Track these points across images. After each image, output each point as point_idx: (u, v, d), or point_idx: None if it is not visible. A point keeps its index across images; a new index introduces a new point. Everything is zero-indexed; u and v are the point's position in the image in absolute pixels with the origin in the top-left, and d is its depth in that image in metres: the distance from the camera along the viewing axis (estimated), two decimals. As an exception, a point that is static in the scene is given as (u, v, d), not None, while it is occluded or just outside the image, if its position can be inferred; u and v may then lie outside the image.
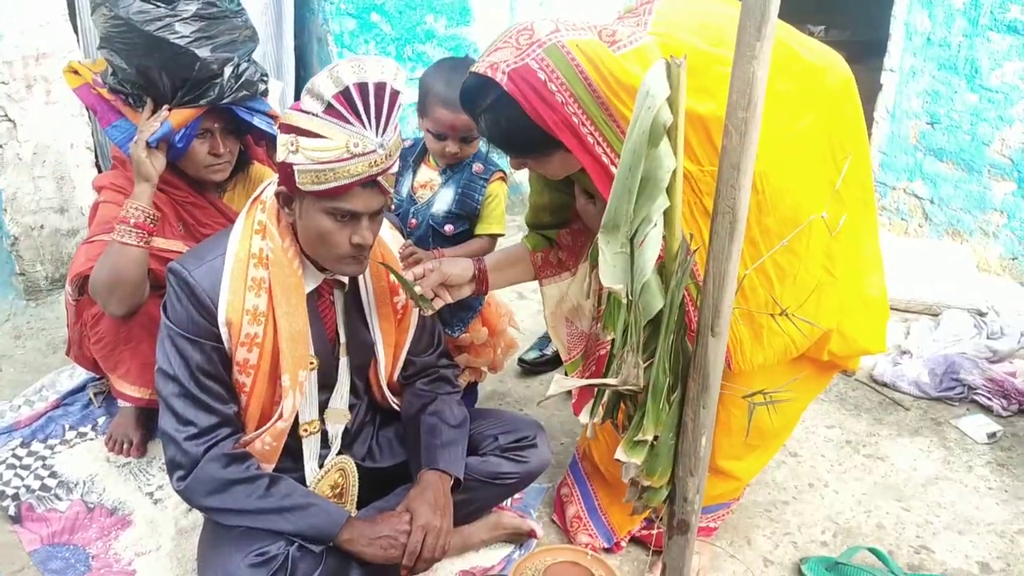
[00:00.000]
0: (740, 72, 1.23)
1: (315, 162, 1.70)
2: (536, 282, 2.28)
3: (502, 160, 2.36)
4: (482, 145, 2.46)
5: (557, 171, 1.91)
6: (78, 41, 3.46)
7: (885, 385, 3.13)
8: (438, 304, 2.06)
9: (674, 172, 1.25)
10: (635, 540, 2.33)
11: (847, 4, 6.97)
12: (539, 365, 3.15)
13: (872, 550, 2.26)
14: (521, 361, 3.15)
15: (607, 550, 2.28)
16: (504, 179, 2.47)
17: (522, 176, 4.64)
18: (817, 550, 2.35)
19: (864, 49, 6.11)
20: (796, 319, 1.45)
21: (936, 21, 3.92)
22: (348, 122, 1.69)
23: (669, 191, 1.27)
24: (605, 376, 1.39)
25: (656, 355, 1.35)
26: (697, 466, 1.43)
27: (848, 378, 3.17)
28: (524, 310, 3.50)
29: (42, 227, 3.52)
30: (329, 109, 1.68)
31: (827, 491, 2.59)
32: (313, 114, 1.68)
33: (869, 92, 4.29)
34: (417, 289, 1.99)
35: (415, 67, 4.12)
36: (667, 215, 1.30)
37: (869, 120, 4.25)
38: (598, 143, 1.67)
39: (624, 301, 1.26)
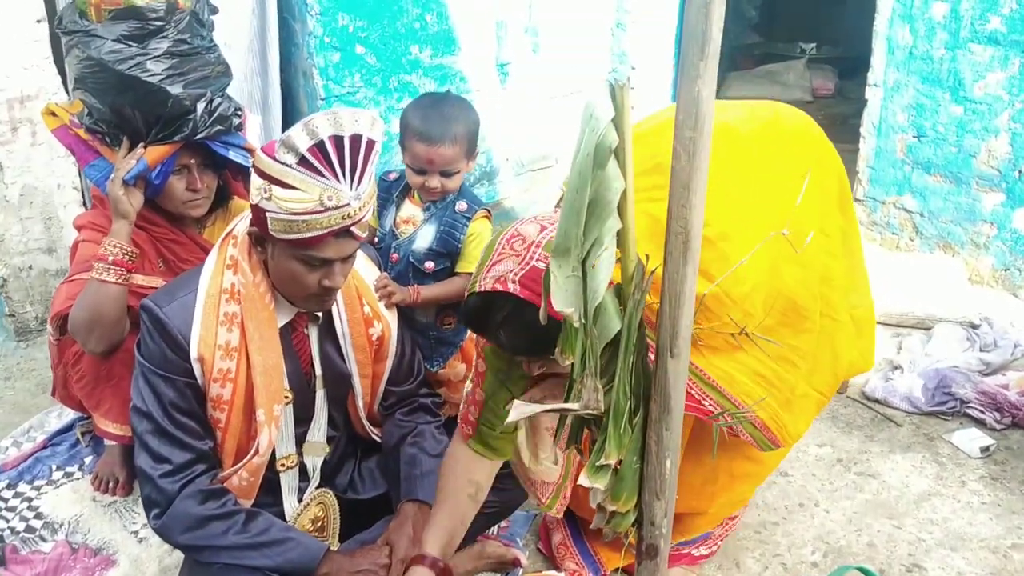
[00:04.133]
0: (685, 92, 1.23)
1: (288, 212, 1.71)
2: None
3: (487, 186, 2.35)
4: (466, 182, 2.45)
5: None
6: (64, 83, 3.49)
7: (877, 401, 3.10)
8: None
9: (624, 193, 1.25)
10: (622, 568, 2.31)
11: (836, 21, 7.01)
12: (527, 392, 3.12)
13: (862, 569, 2.21)
14: (508, 388, 3.12)
15: (594, 580, 2.26)
16: (488, 217, 2.43)
17: (508, 204, 4.66)
18: (807, 571, 2.32)
19: (854, 65, 6.16)
20: (757, 338, 1.44)
21: (918, 35, 3.93)
22: (322, 175, 1.69)
23: (620, 212, 1.27)
24: (566, 401, 1.37)
25: (616, 378, 1.34)
26: (663, 489, 1.41)
27: (840, 396, 3.14)
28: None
29: (31, 268, 3.53)
30: (303, 161, 1.67)
31: (818, 510, 2.56)
32: (287, 165, 1.68)
33: (860, 107, 4.31)
34: None
35: (401, 97, 4.13)
36: (621, 236, 1.29)
37: (854, 135, 4.27)
38: None
39: (576, 325, 1.25)
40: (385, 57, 4.04)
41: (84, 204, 3.62)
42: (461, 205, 2.38)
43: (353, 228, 1.78)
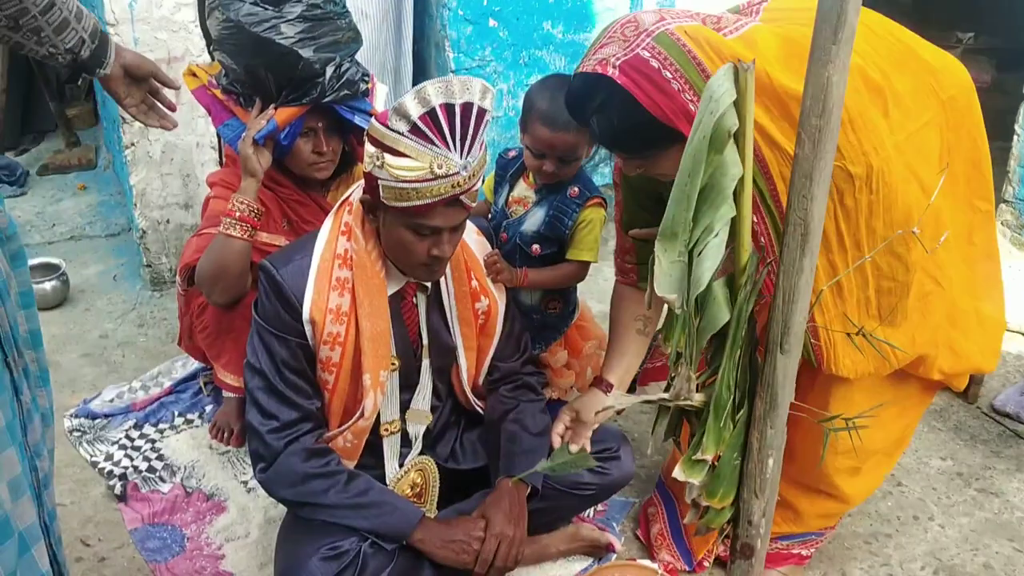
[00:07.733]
0: (814, 77, 1.17)
1: (399, 180, 1.72)
2: None
3: (608, 168, 2.30)
4: (584, 167, 2.39)
5: (673, 170, 1.85)
6: (207, 45, 3.61)
7: (1007, 415, 2.91)
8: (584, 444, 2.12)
9: (741, 180, 1.19)
10: (720, 562, 2.25)
11: (997, 9, 6.58)
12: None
13: (976, 591, 2.11)
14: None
15: (689, 572, 2.21)
16: (602, 204, 2.35)
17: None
18: (916, 587, 2.22)
19: (1014, 57, 5.77)
20: (873, 339, 1.37)
21: (1087, 27, 3.65)
22: (433, 143, 1.70)
23: (737, 200, 1.22)
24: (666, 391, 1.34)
25: (720, 371, 1.29)
26: (763, 488, 1.36)
27: (968, 406, 2.97)
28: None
29: (168, 222, 3.69)
30: (414, 129, 1.69)
31: (932, 525, 2.43)
32: (399, 133, 1.70)
33: (1018, 102, 4.03)
34: (573, 448, 2.06)
35: (531, 73, 4.11)
36: (736, 225, 1.24)
37: (1009, 132, 4.00)
38: None
39: (678, 312, 1.21)
40: (517, 31, 4.03)
41: (220, 162, 3.75)
42: (574, 190, 2.32)
43: (462, 197, 1.78)
